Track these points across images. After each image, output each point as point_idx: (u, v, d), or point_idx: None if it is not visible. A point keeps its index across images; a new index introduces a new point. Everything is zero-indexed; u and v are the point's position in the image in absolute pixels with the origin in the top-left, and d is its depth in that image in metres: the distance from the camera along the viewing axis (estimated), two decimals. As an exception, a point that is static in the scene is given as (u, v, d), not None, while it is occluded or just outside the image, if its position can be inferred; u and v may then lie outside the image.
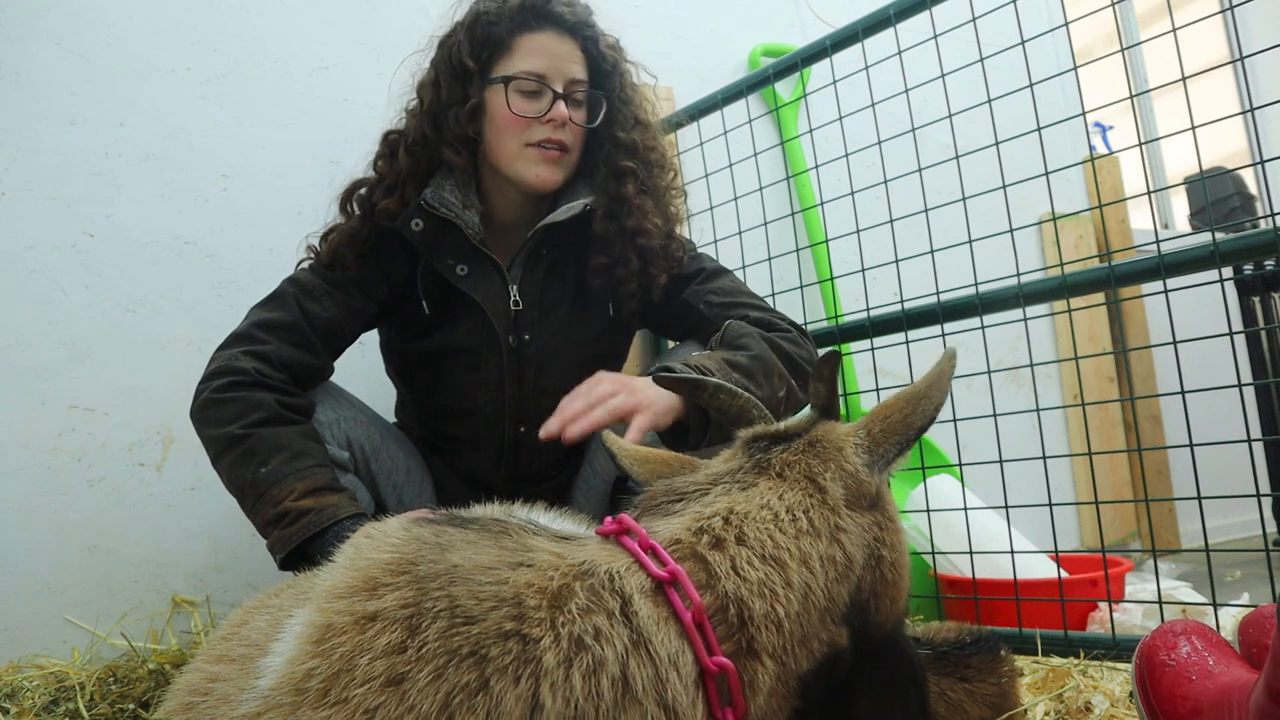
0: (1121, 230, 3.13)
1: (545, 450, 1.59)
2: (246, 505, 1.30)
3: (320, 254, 1.50)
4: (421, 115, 1.48)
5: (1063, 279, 1.57)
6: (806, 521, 0.79)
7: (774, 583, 0.74)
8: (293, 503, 1.23)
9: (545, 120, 1.43)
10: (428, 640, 0.65)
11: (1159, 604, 1.51)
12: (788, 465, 0.85)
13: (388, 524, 0.82)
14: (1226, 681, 0.94)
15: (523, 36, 1.45)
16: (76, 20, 1.89)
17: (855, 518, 0.82)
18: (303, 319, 1.42)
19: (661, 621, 0.70)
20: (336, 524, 1.21)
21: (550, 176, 1.47)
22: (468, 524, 0.78)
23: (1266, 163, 1.39)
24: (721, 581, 0.73)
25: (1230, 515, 2.71)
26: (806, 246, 2.36)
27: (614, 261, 1.50)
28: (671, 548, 0.75)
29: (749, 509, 0.79)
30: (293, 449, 1.29)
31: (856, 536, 0.81)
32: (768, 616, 0.73)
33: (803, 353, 1.45)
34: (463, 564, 0.70)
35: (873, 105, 1.84)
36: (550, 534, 0.79)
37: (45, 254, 1.81)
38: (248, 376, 1.33)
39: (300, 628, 0.71)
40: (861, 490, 0.84)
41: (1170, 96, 1.56)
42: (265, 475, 1.26)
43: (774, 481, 0.83)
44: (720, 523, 0.78)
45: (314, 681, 0.65)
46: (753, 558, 0.75)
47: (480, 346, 1.51)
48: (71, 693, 1.50)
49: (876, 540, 0.83)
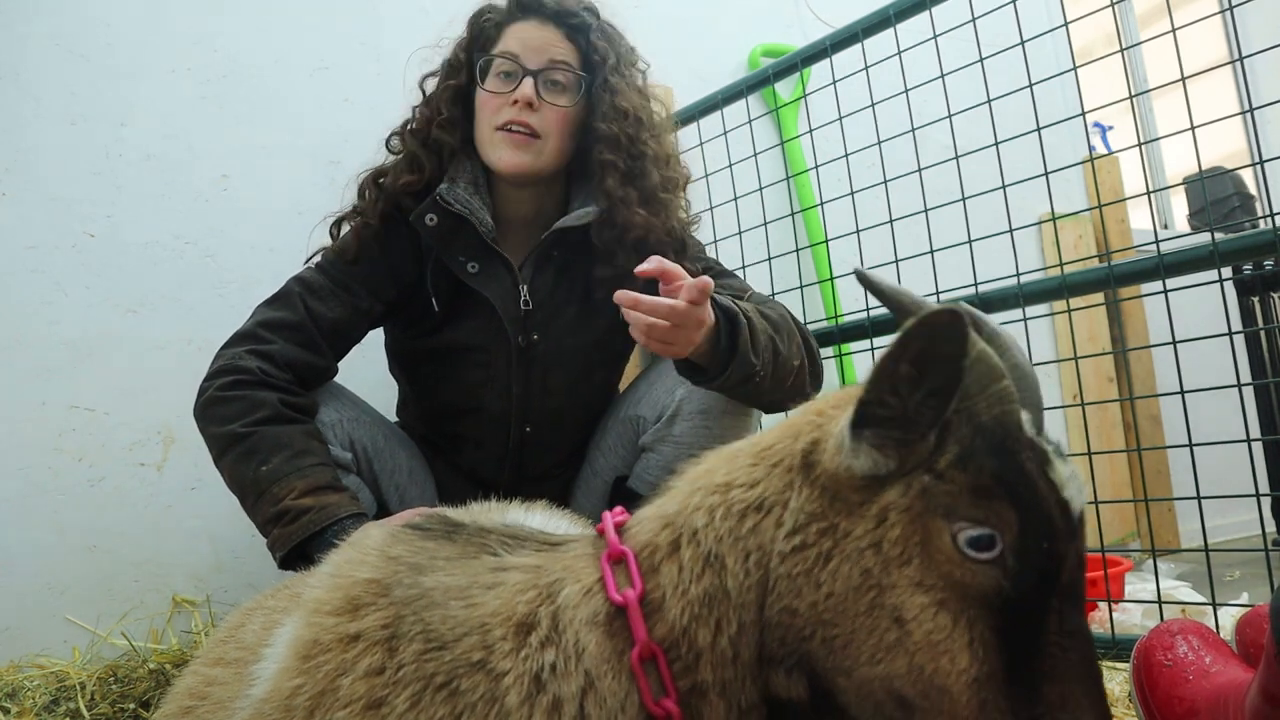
0: (1121, 230, 3.13)
1: (549, 450, 1.59)
2: (247, 503, 1.30)
3: (332, 249, 1.50)
4: (424, 105, 1.53)
5: (1062, 279, 1.57)
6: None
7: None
8: (292, 501, 1.23)
9: (512, 101, 1.44)
10: (404, 663, 0.68)
11: (1158, 604, 1.51)
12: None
13: (369, 535, 0.82)
14: (1223, 682, 0.94)
15: (509, 27, 1.49)
16: (76, 20, 1.89)
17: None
18: (308, 318, 1.42)
19: (612, 659, 0.66)
20: (336, 523, 1.21)
21: (515, 160, 1.45)
22: (451, 534, 0.79)
23: (1266, 163, 1.39)
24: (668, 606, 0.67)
25: (1229, 515, 2.70)
26: (806, 246, 2.35)
27: (618, 274, 1.45)
28: (643, 552, 0.70)
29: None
30: (294, 448, 1.29)
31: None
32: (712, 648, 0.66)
33: (810, 346, 1.46)
34: (436, 588, 0.71)
35: (872, 105, 1.84)
36: (536, 542, 0.78)
37: (45, 254, 1.81)
38: (251, 375, 1.33)
39: (289, 639, 0.74)
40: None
41: (1170, 96, 1.56)
42: (266, 473, 1.26)
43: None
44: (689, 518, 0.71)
45: (301, 699, 0.69)
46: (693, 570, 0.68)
47: (489, 345, 1.51)
48: (72, 692, 1.50)
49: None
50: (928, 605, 0.60)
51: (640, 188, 1.49)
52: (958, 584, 0.60)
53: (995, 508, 0.60)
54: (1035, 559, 0.60)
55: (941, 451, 0.62)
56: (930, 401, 0.61)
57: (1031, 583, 0.60)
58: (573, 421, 1.61)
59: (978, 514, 0.60)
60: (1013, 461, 0.61)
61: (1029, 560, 0.60)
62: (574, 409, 1.59)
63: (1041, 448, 0.63)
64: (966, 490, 0.61)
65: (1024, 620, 0.60)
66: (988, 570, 0.60)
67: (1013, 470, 0.61)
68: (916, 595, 0.60)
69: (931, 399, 0.61)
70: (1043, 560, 0.60)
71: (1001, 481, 0.60)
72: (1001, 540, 0.60)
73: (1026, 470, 0.61)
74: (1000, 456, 0.61)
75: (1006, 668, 0.59)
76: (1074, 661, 0.61)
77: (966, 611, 0.60)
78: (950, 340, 0.58)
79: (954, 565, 0.60)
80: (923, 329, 0.58)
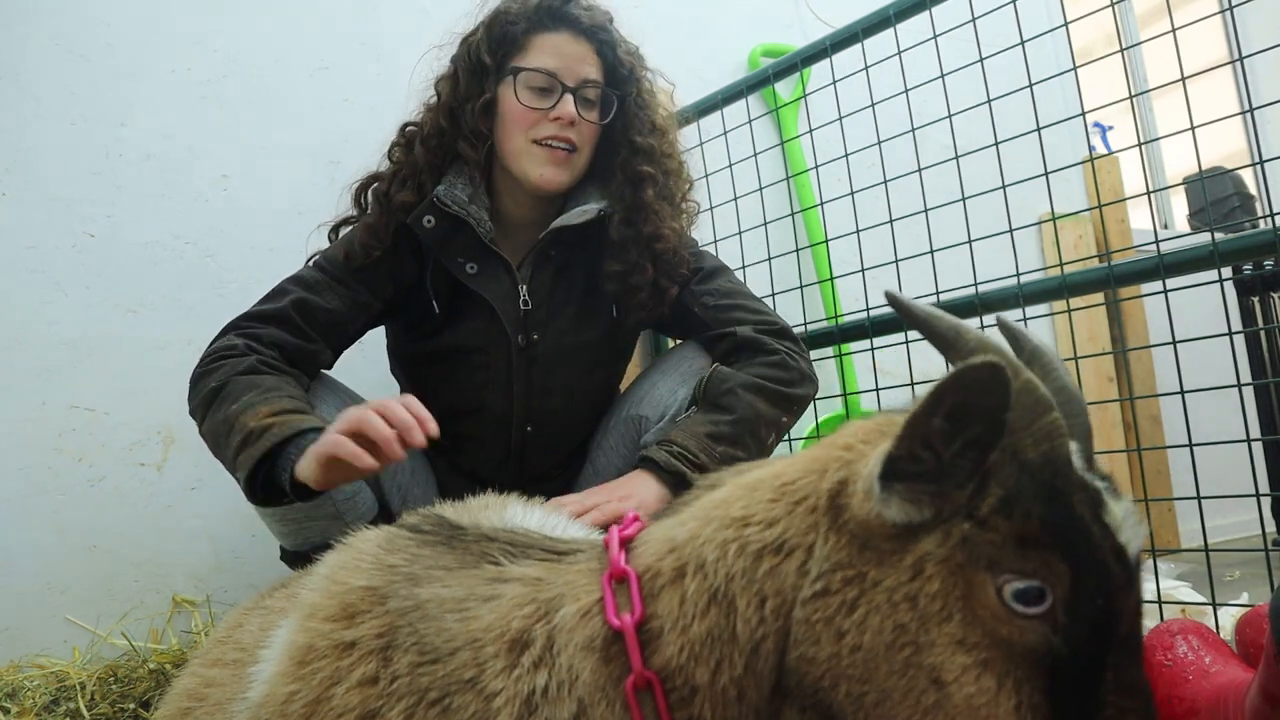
0: (1121, 230, 3.13)
1: (550, 450, 1.59)
2: (220, 445, 1.25)
3: (331, 249, 1.49)
4: (439, 109, 1.49)
5: (1062, 279, 1.57)
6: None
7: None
8: (255, 423, 1.19)
9: (553, 118, 1.43)
10: (398, 674, 0.67)
11: (1158, 604, 1.51)
12: None
13: (367, 537, 0.81)
14: (1223, 682, 0.94)
15: (538, 36, 1.46)
16: (76, 20, 1.89)
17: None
18: (297, 309, 1.41)
19: (606, 687, 0.63)
20: (299, 434, 1.17)
21: (555, 177, 1.46)
22: (451, 540, 0.77)
23: (1266, 163, 1.39)
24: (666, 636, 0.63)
25: (1229, 515, 2.70)
26: (806, 246, 2.35)
27: (629, 269, 1.49)
28: (646, 575, 0.66)
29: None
30: (265, 386, 1.26)
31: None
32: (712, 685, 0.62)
33: (793, 376, 1.46)
34: (431, 599, 0.71)
35: (872, 105, 1.84)
36: (541, 550, 0.75)
37: (45, 254, 1.81)
38: (235, 350, 1.33)
39: (285, 642, 0.74)
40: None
41: (1170, 96, 1.56)
42: (235, 410, 1.22)
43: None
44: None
45: (295, 705, 0.69)
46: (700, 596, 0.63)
47: (489, 346, 1.50)
48: (72, 692, 1.50)
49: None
50: (970, 666, 0.55)
51: (670, 201, 1.52)
52: (1003, 642, 0.55)
53: (1045, 558, 0.55)
54: (1089, 613, 0.55)
55: (983, 496, 0.56)
56: (968, 454, 0.56)
57: (1085, 638, 0.55)
58: (574, 421, 1.61)
59: (1025, 566, 0.55)
60: (1063, 505, 0.56)
61: (1082, 614, 0.55)
62: (575, 408, 1.59)
63: (1094, 487, 0.58)
64: (1012, 539, 0.55)
65: (1077, 680, 0.55)
66: (1036, 626, 0.55)
67: (1063, 516, 0.56)
68: (958, 655, 0.55)
69: (969, 451, 0.56)
70: (1098, 614, 0.55)
71: (1051, 529, 0.55)
72: (1052, 594, 0.55)
73: (1078, 515, 0.56)
74: (1049, 501, 0.56)
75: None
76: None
77: (1013, 673, 0.55)
78: (991, 394, 0.53)
79: (999, 622, 0.55)
80: (959, 383, 0.53)
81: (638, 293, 1.50)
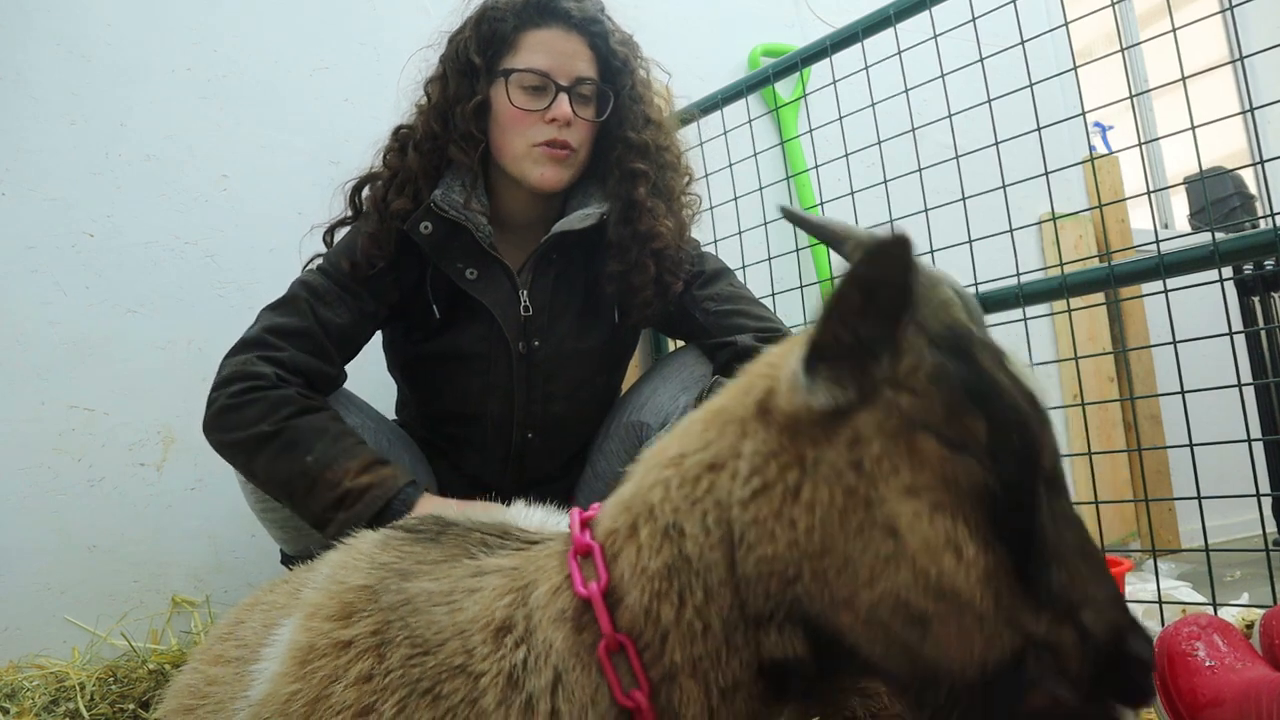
0: (1121, 230, 3.13)
1: (551, 455, 1.58)
2: (297, 497, 1.26)
3: (335, 254, 1.47)
4: (429, 111, 1.46)
5: (1062, 279, 1.57)
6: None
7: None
8: (351, 482, 1.21)
9: (549, 119, 1.41)
10: (392, 669, 0.69)
11: (1159, 604, 1.51)
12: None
13: (363, 539, 0.83)
14: (1253, 677, 0.94)
15: (528, 33, 1.42)
16: (76, 20, 1.89)
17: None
18: (316, 325, 1.38)
19: (580, 652, 0.66)
20: (400, 493, 1.21)
21: (556, 176, 1.44)
22: (439, 535, 0.80)
23: (1266, 163, 1.39)
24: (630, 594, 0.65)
25: (1230, 515, 2.70)
26: (806, 246, 2.35)
27: (629, 268, 1.46)
28: (607, 540, 0.68)
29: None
30: (331, 433, 1.27)
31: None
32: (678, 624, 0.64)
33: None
34: (419, 593, 0.73)
35: (872, 105, 1.84)
36: (518, 540, 0.78)
37: (45, 254, 1.81)
38: (266, 380, 1.29)
39: (287, 642, 0.76)
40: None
41: (1170, 96, 1.56)
42: (313, 463, 1.23)
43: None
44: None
45: (296, 705, 0.71)
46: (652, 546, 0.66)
47: (489, 352, 1.48)
48: (71, 693, 1.50)
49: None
50: (922, 510, 0.59)
51: (665, 196, 1.49)
52: (951, 482, 0.59)
53: (965, 407, 0.60)
54: (1013, 449, 0.60)
55: (899, 364, 0.61)
56: (883, 324, 0.60)
57: (1015, 472, 0.60)
58: (575, 426, 1.60)
59: (950, 417, 0.60)
60: (972, 362, 0.62)
61: (1008, 452, 0.60)
62: (576, 413, 1.58)
63: (995, 345, 0.65)
64: (936, 398, 0.60)
65: (1015, 510, 0.59)
66: (974, 465, 0.59)
67: (974, 370, 0.62)
68: (909, 502, 0.59)
69: (883, 321, 0.60)
70: (1021, 450, 0.60)
71: (965, 383, 0.61)
72: (980, 437, 0.60)
73: (987, 368, 0.62)
74: (959, 360, 0.62)
75: (1010, 559, 0.59)
76: (1072, 542, 0.61)
77: (962, 510, 0.59)
78: (899, 262, 0.58)
79: (944, 461, 0.59)
80: (870, 255, 0.57)
81: (641, 291, 1.48)
